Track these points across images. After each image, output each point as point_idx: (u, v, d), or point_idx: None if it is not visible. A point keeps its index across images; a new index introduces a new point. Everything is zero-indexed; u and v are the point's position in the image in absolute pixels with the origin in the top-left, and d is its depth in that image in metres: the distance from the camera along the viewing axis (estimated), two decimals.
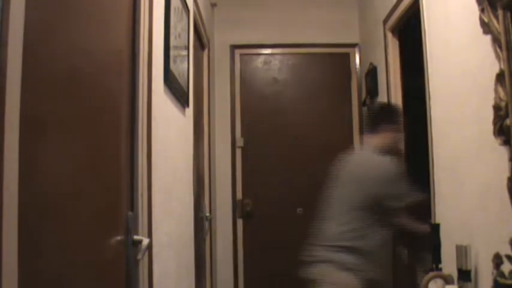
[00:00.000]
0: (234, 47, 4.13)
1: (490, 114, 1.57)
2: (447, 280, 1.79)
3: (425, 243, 2.16)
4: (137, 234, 1.45)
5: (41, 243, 0.89)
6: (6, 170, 0.73)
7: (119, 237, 1.34)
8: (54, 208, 0.95)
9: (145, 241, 1.43)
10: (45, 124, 0.92)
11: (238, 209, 4.00)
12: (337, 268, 2.23)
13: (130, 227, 1.40)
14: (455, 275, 1.75)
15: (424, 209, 2.33)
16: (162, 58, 1.82)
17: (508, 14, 1.44)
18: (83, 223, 1.11)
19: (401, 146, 2.59)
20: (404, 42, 3.04)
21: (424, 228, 2.15)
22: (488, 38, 1.58)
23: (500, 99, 1.50)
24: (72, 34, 1.06)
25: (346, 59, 4.16)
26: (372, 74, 3.51)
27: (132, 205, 1.47)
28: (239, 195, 4.02)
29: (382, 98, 3.30)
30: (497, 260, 1.48)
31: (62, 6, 1.01)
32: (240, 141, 4.05)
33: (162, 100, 1.80)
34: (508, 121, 1.46)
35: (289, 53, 4.17)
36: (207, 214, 3.34)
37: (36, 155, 0.87)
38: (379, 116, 2.57)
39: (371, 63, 3.56)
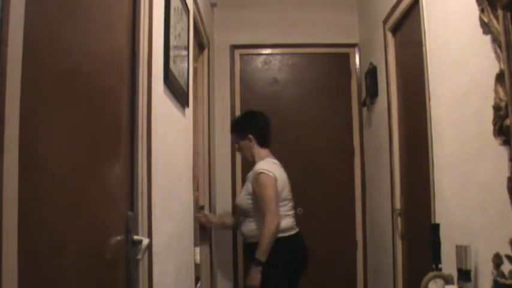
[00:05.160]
0: (234, 47, 4.13)
1: (490, 114, 1.57)
2: (447, 280, 1.79)
3: None
4: (137, 234, 1.45)
5: (41, 243, 0.89)
6: (6, 170, 0.73)
7: (119, 237, 1.34)
8: (54, 208, 0.95)
9: (145, 241, 1.43)
10: (45, 124, 0.92)
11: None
12: None
13: (130, 227, 1.40)
14: (455, 275, 1.75)
15: None
16: (162, 58, 1.82)
17: (508, 14, 1.44)
18: (83, 223, 1.11)
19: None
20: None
21: None
22: (488, 38, 1.58)
23: (500, 99, 1.50)
24: (72, 34, 1.06)
25: (346, 59, 4.16)
26: (371, 74, 3.51)
27: (132, 205, 1.47)
28: None
29: (382, 97, 3.30)
30: (497, 260, 1.48)
31: (62, 6, 1.01)
32: None
33: (162, 100, 1.80)
34: (508, 121, 1.46)
35: (289, 53, 4.17)
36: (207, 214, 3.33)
37: (36, 155, 0.87)
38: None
39: (371, 63, 3.56)
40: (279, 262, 2.78)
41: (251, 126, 3.09)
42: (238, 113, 4.08)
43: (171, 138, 1.99)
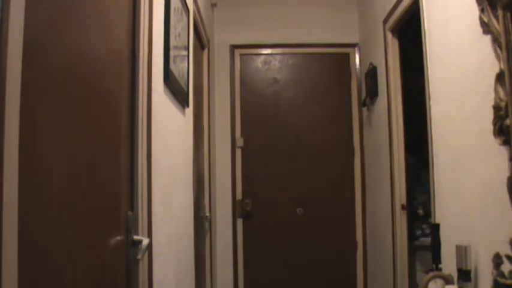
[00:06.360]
0: (234, 47, 4.13)
1: (490, 114, 1.57)
2: (447, 280, 1.79)
3: None
4: (137, 234, 1.45)
5: (41, 243, 0.89)
6: (6, 170, 0.73)
7: (118, 237, 1.34)
8: (54, 208, 0.95)
9: (145, 241, 1.43)
10: (45, 124, 0.92)
11: (238, 209, 4.00)
12: None
13: (130, 227, 1.40)
14: (455, 275, 1.75)
15: None
16: (162, 58, 1.82)
17: (508, 14, 1.44)
18: (83, 223, 1.11)
19: None
20: (404, 42, 3.05)
21: None
22: (488, 38, 1.58)
23: (500, 99, 1.50)
24: (72, 34, 1.06)
25: (346, 59, 4.16)
26: (371, 74, 3.51)
27: (132, 205, 1.47)
28: (239, 195, 4.02)
29: (382, 97, 3.31)
30: (497, 260, 1.48)
31: (62, 6, 1.01)
32: (240, 141, 4.05)
33: (162, 100, 1.80)
34: (508, 121, 1.46)
35: (289, 53, 4.18)
36: (207, 214, 3.34)
37: (36, 155, 0.87)
38: None
39: (371, 63, 3.56)
40: None
41: None
42: (238, 113, 4.09)
43: (171, 138, 1.99)
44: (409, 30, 2.81)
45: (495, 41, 1.53)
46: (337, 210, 4.04)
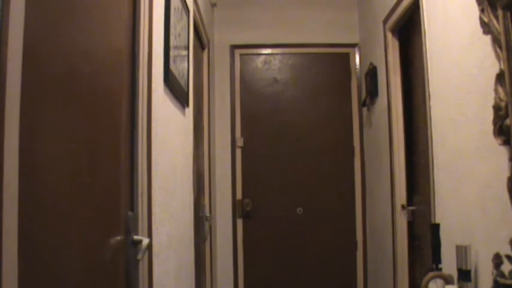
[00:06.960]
0: (234, 47, 4.13)
1: (490, 114, 1.57)
2: (447, 280, 1.79)
3: None
4: (137, 234, 1.45)
5: (41, 243, 0.89)
6: (6, 170, 0.73)
7: (118, 237, 1.34)
8: (54, 208, 0.95)
9: (145, 241, 1.43)
10: (45, 124, 0.92)
11: (238, 209, 4.00)
12: None
13: (130, 227, 1.40)
14: (455, 275, 1.75)
15: None
16: (162, 58, 1.82)
17: (508, 14, 1.44)
18: (83, 223, 1.11)
19: None
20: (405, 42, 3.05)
21: None
22: (488, 38, 1.58)
23: (500, 99, 1.50)
24: (72, 34, 1.06)
25: (346, 59, 4.16)
26: (372, 74, 3.51)
27: (132, 205, 1.47)
28: (239, 195, 4.02)
29: (382, 97, 3.31)
30: (497, 260, 1.48)
31: (62, 6, 1.01)
32: (240, 141, 4.05)
33: (162, 100, 1.80)
34: (508, 121, 1.46)
35: (289, 53, 4.18)
36: (207, 214, 3.34)
37: (36, 155, 0.87)
38: None
39: (371, 63, 3.56)
40: None
41: None
42: (238, 113, 4.09)
43: (171, 138, 1.99)
44: (409, 30, 2.80)
45: (495, 41, 1.53)
46: (337, 210, 4.03)
